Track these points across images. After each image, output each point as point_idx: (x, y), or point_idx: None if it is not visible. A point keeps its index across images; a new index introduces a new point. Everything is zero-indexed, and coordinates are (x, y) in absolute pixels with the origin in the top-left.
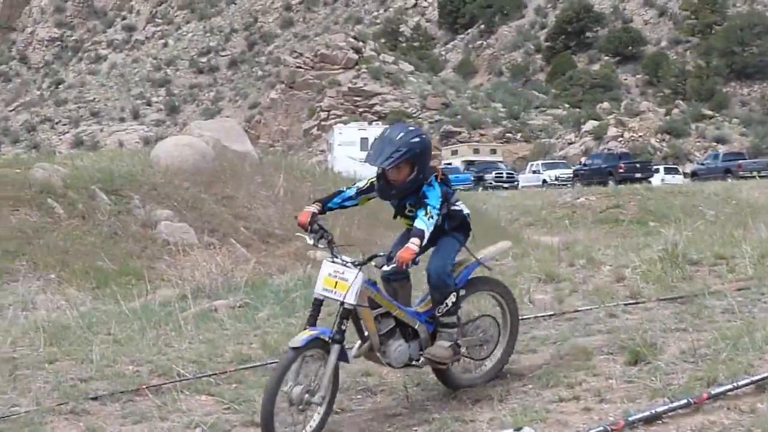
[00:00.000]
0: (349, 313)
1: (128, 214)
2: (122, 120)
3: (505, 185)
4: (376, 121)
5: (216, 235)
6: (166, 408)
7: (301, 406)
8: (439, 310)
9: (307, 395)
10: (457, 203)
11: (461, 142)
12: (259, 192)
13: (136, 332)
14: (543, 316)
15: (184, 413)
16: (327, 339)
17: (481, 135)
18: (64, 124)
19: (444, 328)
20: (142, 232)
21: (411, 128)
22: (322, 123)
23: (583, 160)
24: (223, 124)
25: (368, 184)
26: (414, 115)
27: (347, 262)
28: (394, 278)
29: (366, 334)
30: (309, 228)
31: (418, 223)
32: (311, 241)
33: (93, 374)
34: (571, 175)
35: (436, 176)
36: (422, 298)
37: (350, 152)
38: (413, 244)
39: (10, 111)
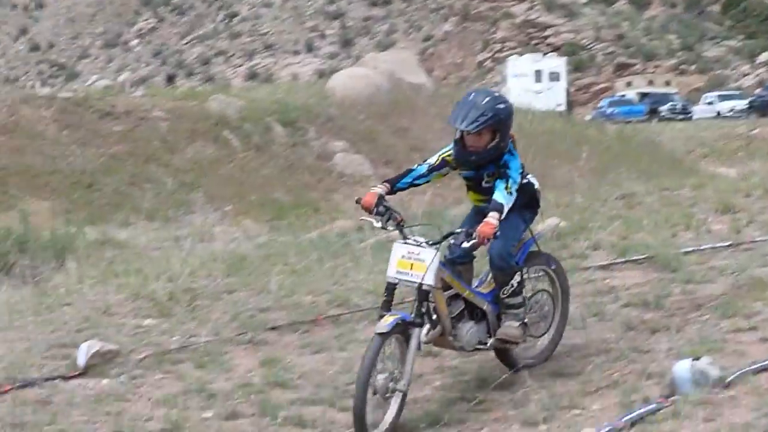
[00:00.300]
0: (427, 295)
1: (304, 146)
2: (296, 53)
3: (680, 117)
4: (550, 53)
5: (391, 167)
6: (344, 338)
7: (387, 395)
8: (504, 291)
9: (391, 383)
10: (528, 176)
11: (635, 74)
12: (434, 124)
13: (314, 263)
14: (720, 246)
15: (361, 343)
16: (407, 323)
17: (656, 67)
18: (239, 57)
19: (510, 309)
20: (318, 164)
21: (496, 94)
22: (496, 55)
23: (758, 91)
24: (398, 56)
25: (439, 161)
26: (588, 47)
27: (421, 242)
28: (460, 260)
29: (434, 317)
30: (375, 210)
31: (498, 197)
32: (378, 224)
33: (271, 304)
34: (747, 107)
35: (513, 143)
36: (482, 278)
37: (524, 84)
38: (493, 218)
39: (185, 44)
